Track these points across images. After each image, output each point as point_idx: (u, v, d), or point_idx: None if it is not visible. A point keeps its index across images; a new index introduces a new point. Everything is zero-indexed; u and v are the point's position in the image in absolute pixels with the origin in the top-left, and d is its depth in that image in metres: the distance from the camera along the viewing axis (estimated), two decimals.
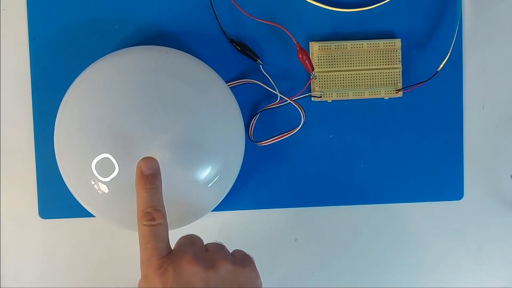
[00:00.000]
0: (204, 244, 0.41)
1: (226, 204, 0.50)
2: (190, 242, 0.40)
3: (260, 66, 0.49)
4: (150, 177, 0.41)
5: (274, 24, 0.49)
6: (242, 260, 0.40)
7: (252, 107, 0.51)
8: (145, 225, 0.40)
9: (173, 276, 0.38)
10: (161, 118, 0.44)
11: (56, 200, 0.50)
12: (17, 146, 0.51)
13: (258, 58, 0.49)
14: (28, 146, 0.50)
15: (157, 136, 0.44)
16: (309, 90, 0.50)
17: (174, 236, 0.41)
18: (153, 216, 0.40)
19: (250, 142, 0.50)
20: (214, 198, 0.47)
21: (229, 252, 0.41)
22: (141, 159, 0.42)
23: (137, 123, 0.44)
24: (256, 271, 0.40)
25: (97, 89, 0.45)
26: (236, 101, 0.48)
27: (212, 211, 0.48)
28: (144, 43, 0.49)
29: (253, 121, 0.50)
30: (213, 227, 0.52)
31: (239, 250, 0.42)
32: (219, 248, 0.41)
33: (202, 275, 0.38)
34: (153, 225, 0.40)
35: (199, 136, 0.45)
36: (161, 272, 0.38)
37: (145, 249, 0.39)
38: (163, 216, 0.40)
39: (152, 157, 0.42)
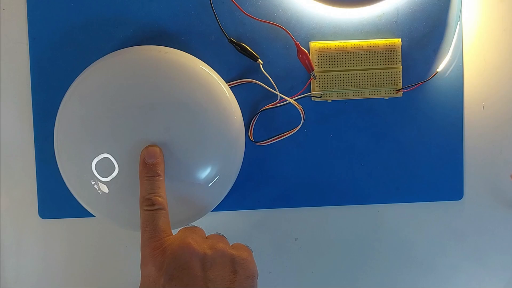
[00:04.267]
0: (206, 235, 0.42)
1: (226, 204, 0.50)
2: (191, 229, 0.41)
3: (260, 66, 0.49)
4: (152, 165, 0.43)
5: (274, 24, 0.49)
6: (239, 248, 0.41)
7: (252, 107, 0.51)
8: (145, 210, 0.41)
9: (169, 257, 0.38)
10: (161, 118, 0.44)
11: (56, 200, 0.50)
12: (17, 146, 0.51)
13: (258, 58, 0.49)
14: (28, 146, 0.50)
15: (157, 136, 0.44)
16: (309, 90, 0.51)
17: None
18: (153, 202, 0.41)
19: (250, 142, 0.50)
20: (214, 198, 0.47)
21: (228, 242, 0.42)
22: (145, 147, 0.44)
23: (137, 123, 0.44)
24: (252, 258, 0.41)
25: (97, 89, 0.45)
26: (236, 101, 0.48)
27: (212, 211, 0.48)
28: (144, 43, 0.49)
29: (253, 121, 0.50)
30: (213, 227, 0.52)
31: (239, 243, 0.42)
32: (218, 237, 0.42)
33: (198, 258, 0.39)
34: (152, 210, 0.41)
35: (199, 136, 0.45)
36: (158, 253, 0.39)
37: (144, 231, 0.41)
38: (163, 202, 0.42)
39: (154, 146, 0.44)
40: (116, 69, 0.46)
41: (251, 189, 0.51)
